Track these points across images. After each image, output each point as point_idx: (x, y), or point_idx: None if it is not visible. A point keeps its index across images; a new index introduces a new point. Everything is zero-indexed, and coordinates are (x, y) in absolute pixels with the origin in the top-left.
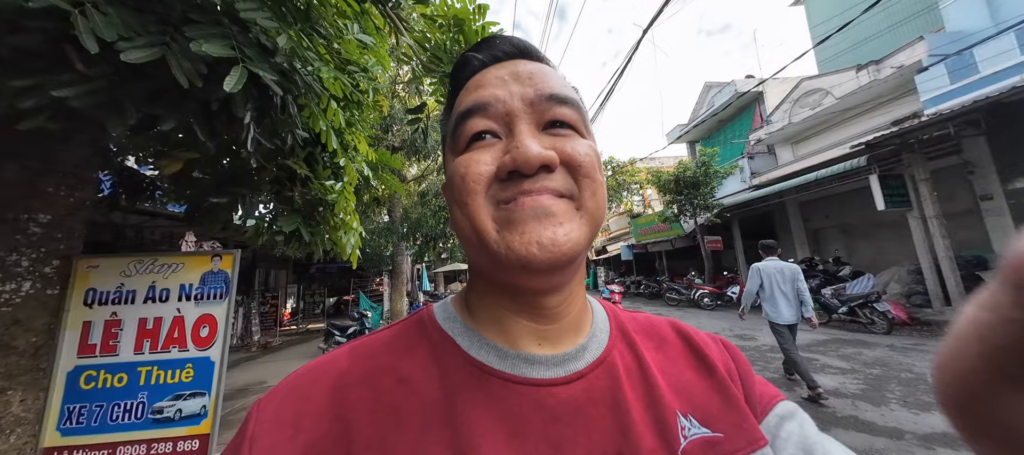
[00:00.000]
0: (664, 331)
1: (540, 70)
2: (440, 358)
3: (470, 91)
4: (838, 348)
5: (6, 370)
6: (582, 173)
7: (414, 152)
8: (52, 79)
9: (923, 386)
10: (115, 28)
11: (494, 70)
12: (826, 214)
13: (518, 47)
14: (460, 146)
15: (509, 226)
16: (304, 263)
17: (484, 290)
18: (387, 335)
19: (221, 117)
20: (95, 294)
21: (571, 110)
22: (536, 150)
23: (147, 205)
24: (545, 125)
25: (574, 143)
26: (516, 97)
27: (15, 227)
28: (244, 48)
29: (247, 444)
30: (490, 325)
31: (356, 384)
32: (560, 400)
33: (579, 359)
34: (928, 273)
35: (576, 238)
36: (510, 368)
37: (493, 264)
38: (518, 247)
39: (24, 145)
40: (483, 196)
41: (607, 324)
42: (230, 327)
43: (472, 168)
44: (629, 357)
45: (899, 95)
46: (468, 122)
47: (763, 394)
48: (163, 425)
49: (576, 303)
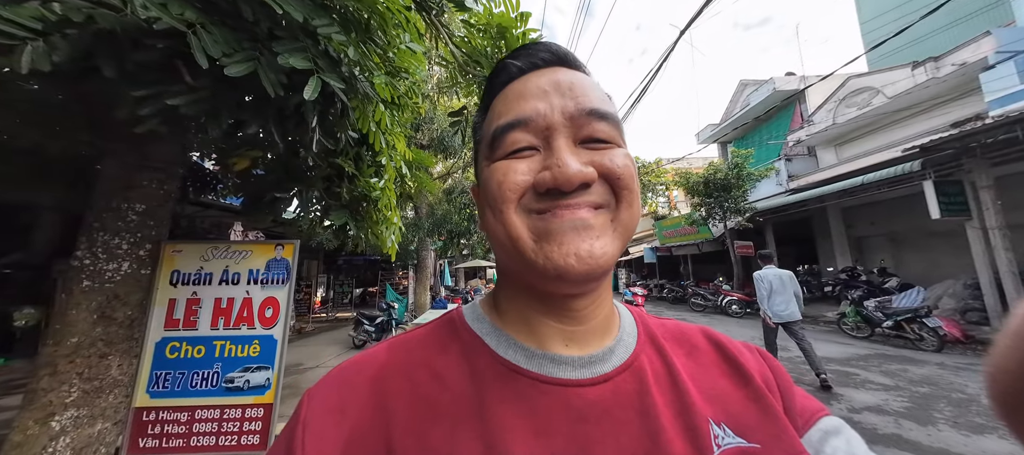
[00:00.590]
0: (695, 338)
1: (580, 81)
2: (470, 358)
3: (510, 101)
4: (881, 364)
5: (107, 338)
6: (621, 185)
7: (442, 150)
8: (166, 90)
9: (976, 407)
10: (220, 46)
11: (534, 79)
12: (871, 221)
13: (557, 54)
14: (497, 155)
15: (547, 237)
16: (333, 254)
17: (513, 292)
18: (421, 334)
19: (291, 121)
20: (179, 275)
21: (609, 126)
22: (576, 169)
23: (210, 197)
24: (582, 139)
25: (612, 156)
26: (557, 111)
27: (117, 214)
28: (317, 60)
29: (301, 427)
30: (518, 326)
31: (395, 376)
32: (587, 401)
33: (606, 362)
34: (987, 288)
35: (612, 252)
36: (537, 367)
37: (527, 271)
38: (557, 258)
39: (124, 144)
40: (517, 205)
41: (635, 329)
42: (290, 309)
43: (510, 177)
44: (658, 362)
45: (959, 95)
46: (509, 135)
47: (805, 407)
48: (234, 393)
49: (603, 306)
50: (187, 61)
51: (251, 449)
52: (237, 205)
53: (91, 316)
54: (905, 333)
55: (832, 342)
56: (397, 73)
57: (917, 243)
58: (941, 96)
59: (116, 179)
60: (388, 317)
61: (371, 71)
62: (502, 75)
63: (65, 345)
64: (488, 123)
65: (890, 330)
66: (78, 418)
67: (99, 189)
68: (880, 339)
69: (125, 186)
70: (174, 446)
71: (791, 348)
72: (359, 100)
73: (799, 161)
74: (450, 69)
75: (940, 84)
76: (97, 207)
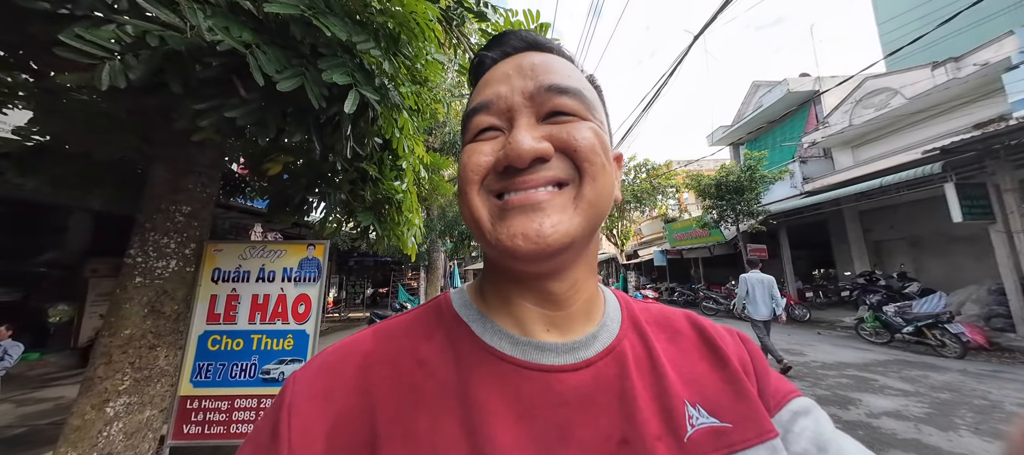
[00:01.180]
0: (678, 323)
1: (544, 61)
2: (455, 344)
3: (479, 88)
4: (900, 369)
5: (156, 330)
6: (580, 157)
7: (454, 153)
8: (224, 102)
9: (999, 413)
10: (273, 64)
11: (502, 66)
12: (891, 224)
13: (527, 40)
14: (466, 139)
15: (500, 218)
16: (345, 255)
17: (495, 275)
18: (407, 319)
19: (327, 128)
20: (220, 273)
21: (572, 99)
22: (528, 144)
23: (239, 200)
24: (545, 116)
25: (572, 128)
26: (517, 92)
27: (166, 215)
28: (355, 74)
29: (285, 411)
30: (502, 311)
31: (380, 363)
32: (569, 386)
33: (589, 347)
34: (1012, 294)
35: (565, 229)
36: (521, 354)
37: (489, 250)
38: (505, 240)
39: (174, 150)
40: (480, 186)
41: (619, 314)
42: (321, 306)
43: (473, 158)
44: (640, 347)
45: (981, 96)
46: (474, 119)
47: (778, 389)
48: (270, 384)
49: (584, 291)
50: (240, 76)
51: None
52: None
53: (142, 310)
54: (926, 339)
55: (850, 348)
56: (422, 83)
57: (938, 247)
58: (962, 97)
59: (165, 183)
60: None
61: (400, 82)
62: (480, 68)
63: (119, 336)
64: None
65: (910, 336)
66: (130, 405)
67: (149, 192)
68: (900, 345)
69: (173, 189)
70: (215, 433)
71: (807, 353)
72: (386, 108)
73: (814, 163)
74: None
75: (961, 85)
76: (148, 209)
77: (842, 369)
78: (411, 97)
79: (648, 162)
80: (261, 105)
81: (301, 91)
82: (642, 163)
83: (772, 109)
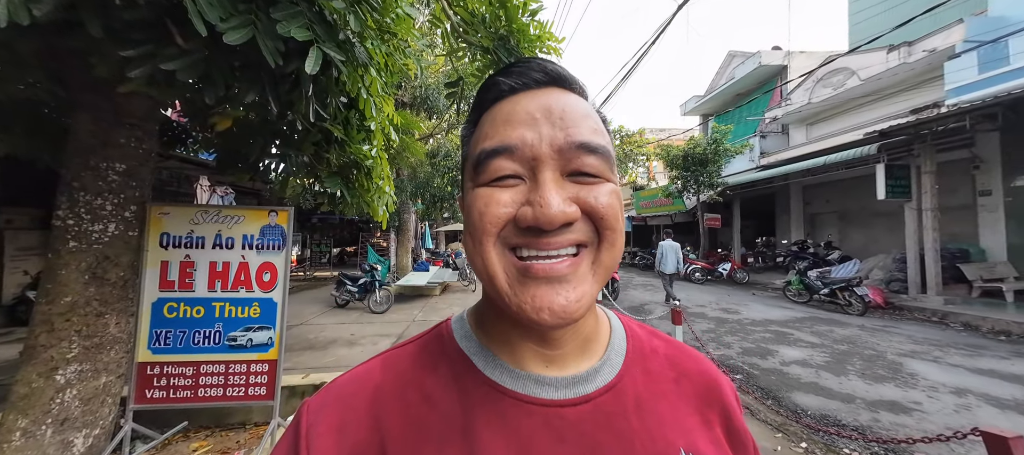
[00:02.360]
0: (687, 366)
1: (572, 108)
2: (459, 378)
3: (497, 123)
4: (812, 326)
5: (102, 298)
6: (605, 225)
7: (426, 109)
8: (159, 52)
9: (882, 362)
10: (216, 11)
11: (524, 101)
12: (826, 199)
13: (551, 74)
14: (481, 179)
15: (522, 285)
16: (307, 213)
17: (495, 312)
18: (412, 350)
19: (284, 85)
20: (169, 238)
21: (600, 160)
22: (558, 208)
23: (180, 151)
24: (570, 173)
25: (598, 192)
26: (545, 142)
27: (97, 174)
28: (315, 27)
29: (304, 442)
30: (501, 345)
31: (389, 397)
32: (568, 422)
33: (590, 382)
34: (912, 262)
35: (587, 301)
36: (521, 388)
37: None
38: (529, 311)
39: (96, 97)
40: (496, 238)
41: (624, 347)
42: (288, 273)
43: (491, 209)
44: (642, 385)
45: (923, 82)
46: (494, 162)
47: None
48: (238, 350)
49: (582, 331)
50: (178, 21)
51: (259, 398)
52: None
53: (82, 276)
54: (837, 300)
55: (776, 307)
56: (391, 37)
57: (862, 221)
58: (908, 82)
59: (91, 135)
60: (371, 278)
61: (366, 37)
62: (492, 91)
63: (59, 304)
64: (475, 142)
65: (826, 297)
66: (82, 372)
67: (72, 146)
68: (816, 304)
69: (103, 143)
70: (182, 397)
71: (741, 311)
72: (352, 66)
73: (772, 139)
74: (441, 28)
75: (908, 69)
76: (73, 165)
77: (767, 325)
78: (379, 54)
79: (622, 129)
80: (205, 56)
81: (252, 43)
82: (617, 130)
83: (743, 82)
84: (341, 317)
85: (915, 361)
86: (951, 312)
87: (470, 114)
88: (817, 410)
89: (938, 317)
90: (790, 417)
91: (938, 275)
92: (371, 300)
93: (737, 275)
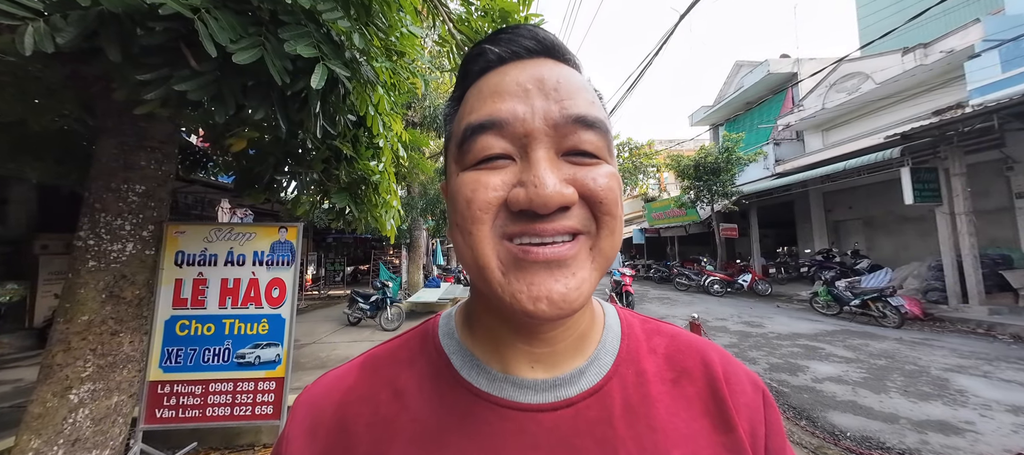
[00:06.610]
0: (689, 362)
1: (567, 79)
2: (434, 376)
3: (484, 96)
4: (845, 339)
5: (118, 316)
6: (603, 210)
7: (435, 127)
8: (172, 74)
9: (925, 378)
10: (226, 32)
11: (514, 72)
12: (849, 205)
13: (543, 43)
14: (467, 161)
15: (517, 271)
16: (322, 232)
17: (483, 309)
18: (396, 344)
19: (293, 104)
20: (184, 256)
21: (598, 136)
22: (554, 189)
23: (200, 175)
24: (566, 151)
25: (596, 175)
26: (538, 116)
27: (118, 195)
28: (322, 46)
29: (285, 442)
30: (486, 345)
31: (358, 401)
32: (543, 428)
33: (572, 385)
34: (949, 270)
35: (587, 289)
36: (498, 391)
37: (494, 299)
38: (525, 302)
39: (120, 122)
40: (489, 226)
41: (616, 345)
42: (297, 289)
43: (479, 194)
44: (632, 388)
45: (944, 82)
46: (480, 139)
47: None
48: (246, 368)
49: (576, 327)
50: (190, 44)
51: (266, 418)
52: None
53: (100, 295)
54: (870, 311)
55: (804, 319)
56: (398, 56)
57: (889, 227)
58: (927, 83)
59: (114, 159)
60: (383, 295)
61: (372, 56)
62: (478, 61)
63: (76, 323)
64: (460, 118)
65: (857, 308)
66: (95, 391)
67: (96, 169)
68: (847, 316)
69: (124, 166)
70: (190, 416)
71: (766, 324)
72: (359, 84)
73: (787, 146)
74: (446, 48)
75: (927, 71)
76: (96, 187)
77: (795, 339)
78: (386, 72)
79: (631, 141)
80: (217, 77)
81: (261, 63)
82: (624, 142)
83: (752, 90)
84: (353, 335)
85: (963, 376)
86: (998, 323)
87: (454, 90)
88: (857, 431)
89: (984, 328)
90: (828, 439)
91: (979, 283)
92: (383, 317)
93: (758, 287)
